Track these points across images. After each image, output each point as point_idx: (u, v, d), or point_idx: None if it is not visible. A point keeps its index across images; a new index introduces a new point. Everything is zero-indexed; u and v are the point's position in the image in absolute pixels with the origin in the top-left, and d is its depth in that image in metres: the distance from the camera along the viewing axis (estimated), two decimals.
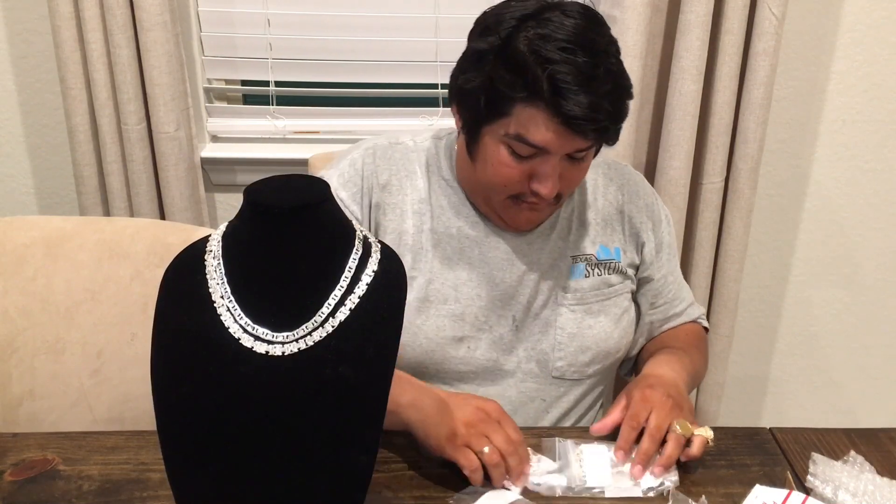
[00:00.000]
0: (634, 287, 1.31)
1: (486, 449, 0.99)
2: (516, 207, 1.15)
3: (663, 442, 1.05)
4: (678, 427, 1.05)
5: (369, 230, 1.21)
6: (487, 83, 1.07)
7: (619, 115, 1.08)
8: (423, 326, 1.19)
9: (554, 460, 1.07)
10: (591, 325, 1.23)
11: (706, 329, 1.40)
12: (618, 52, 1.10)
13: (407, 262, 1.19)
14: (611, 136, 1.10)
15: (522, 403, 1.24)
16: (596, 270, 1.24)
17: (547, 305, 1.23)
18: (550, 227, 1.24)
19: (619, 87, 1.07)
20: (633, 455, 1.04)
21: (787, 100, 1.83)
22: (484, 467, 0.99)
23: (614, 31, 1.58)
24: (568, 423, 1.28)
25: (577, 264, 1.23)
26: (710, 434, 1.06)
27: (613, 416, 1.08)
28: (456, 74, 1.14)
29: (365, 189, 1.21)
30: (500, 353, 1.22)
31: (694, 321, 1.37)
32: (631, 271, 1.28)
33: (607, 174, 1.30)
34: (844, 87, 1.82)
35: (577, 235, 1.25)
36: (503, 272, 1.21)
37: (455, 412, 1.02)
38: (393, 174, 1.23)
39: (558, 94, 1.02)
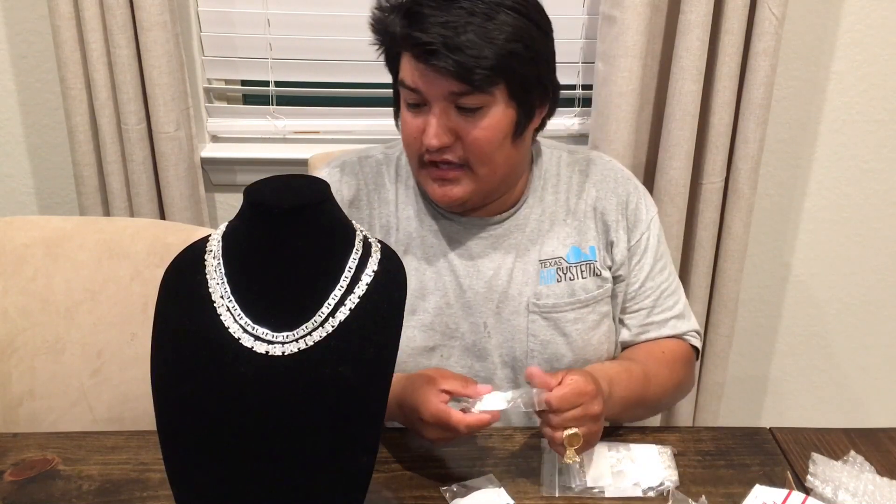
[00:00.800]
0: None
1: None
2: (427, 175, 1.13)
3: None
4: (567, 434, 1.00)
5: None
6: (375, 33, 1.13)
7: (488, 53, 1.02)
8: None
9: (554, 460, 1.07)
10: (568, 333, 1.19)
11: (697, 349, 1.28)
12: (513, 7, 1.06)
13: None
14: (477, 80, 1.03)
15: (506, 411, 1.22)
16: (568, 275, 1.20)
17: (519, 312, 1.19)
18: (518, 228, 1.20)
19: (492, 27, 1.03)
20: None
21: (787, 100, 1.82)
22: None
23: (614, 31, 1.61)
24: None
25: (547, 269, 1.19)
26: (574, 459, 1.01)
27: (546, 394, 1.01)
28: None
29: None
30: (475, 360, 1.20)
31: (679, 337, 1.26)
32: (607, 273, 1.22)
33: (584, 171, 1.24)
34: (844, 87, 1.82)
35: (547, 239, 1.20)
36: (470, 279, 1.19)
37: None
38: (360, 189, 1.23)
39: (412, 25, 1.04)
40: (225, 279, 0.88)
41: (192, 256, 0.91)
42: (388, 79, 1.08)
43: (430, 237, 1.20)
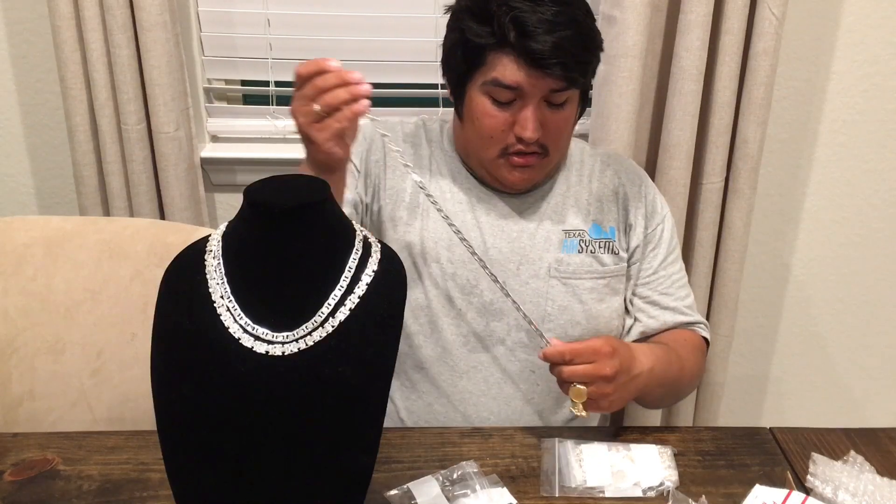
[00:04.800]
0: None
1: (315, 107, 0.99)
2: (507, 163, 1.21)
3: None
4: (574, 388, 1.05)
5: (364, 183, 1.28)
6: (461, 37, 1.16)
7: (584, 58, 1.15)
8: (416, 281, 1.24)
9: (554, 460, 1.07)
10: (584, 301, 1.25)
11: (707, 341, 1.33)
12: (587, 10, 1.17)
13: (403, 217, 1.26)
14: (578, 79, 1.15)
15: (514, 374, 1.26)
16: (589, 248, 1.27)
17: (538, 276, 1.25)
18: (542, 198, 1.28)
19: (583, 34, 1.14)
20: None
21: (787, 100, 1.83)
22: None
23: (614, 31, 1.61)
24: (565, 403, 1.28)
25: (570, 239, 1.26)
26: (580, 413, 1.06)
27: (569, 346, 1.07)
28: (443, 42, 1.23)
29: (372, 148, 1.29)
30: (490, 318, 1.25)
31: (690, 329, 1.31)
32: (624, 254, 1.29)
33: (605, 161, 1.34)
34: (844, 87, 1.82)
35: (570, 212, 1.28)
36: (495, 237, 1.25)
37: None
38: (400, 145, 1.31)
39: (524, 35, 1.10)
40: (225, 279, 0.88)
41: (192, 256, 0.91)
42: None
43: (460, 193, 1.28)
